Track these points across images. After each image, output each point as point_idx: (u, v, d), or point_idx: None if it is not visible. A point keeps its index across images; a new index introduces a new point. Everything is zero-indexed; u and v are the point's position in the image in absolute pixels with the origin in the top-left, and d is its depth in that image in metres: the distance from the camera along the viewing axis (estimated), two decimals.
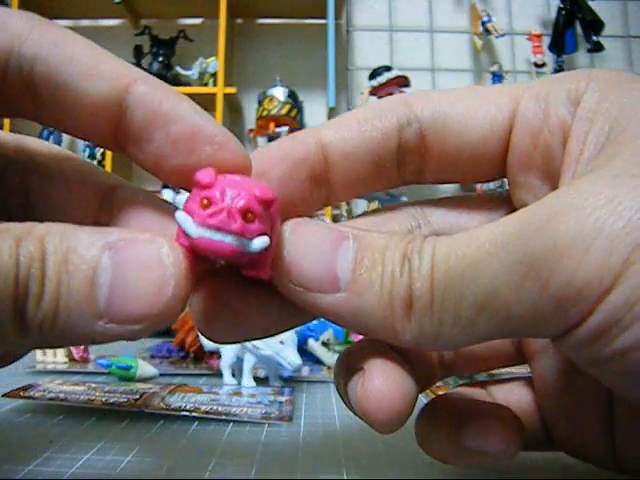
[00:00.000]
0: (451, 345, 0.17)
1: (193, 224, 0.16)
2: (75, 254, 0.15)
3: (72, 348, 0.52)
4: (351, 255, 0.17)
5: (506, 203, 0.21)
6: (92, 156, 1.42)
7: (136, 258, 0.16)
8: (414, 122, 0.20)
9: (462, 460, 0.21)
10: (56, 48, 0.17)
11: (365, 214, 0.23)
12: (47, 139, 1.43)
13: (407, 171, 0.21)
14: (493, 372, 0.29)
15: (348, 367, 0.19)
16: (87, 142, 1.42)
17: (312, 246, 0.17)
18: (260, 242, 0.16)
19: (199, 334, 0.52)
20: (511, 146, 0.20)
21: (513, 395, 0.23)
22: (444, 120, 0.20)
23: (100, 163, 1.42)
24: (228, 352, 0.43)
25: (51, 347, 0.17)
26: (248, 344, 0.40)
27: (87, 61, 0.17)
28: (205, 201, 0.16)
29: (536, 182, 0.20)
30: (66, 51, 0.17)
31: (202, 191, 0.16)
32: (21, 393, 0.34)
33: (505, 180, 0.21)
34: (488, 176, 0.21)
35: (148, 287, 0.15)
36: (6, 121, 1.39)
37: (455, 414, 0.21)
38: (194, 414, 0.31)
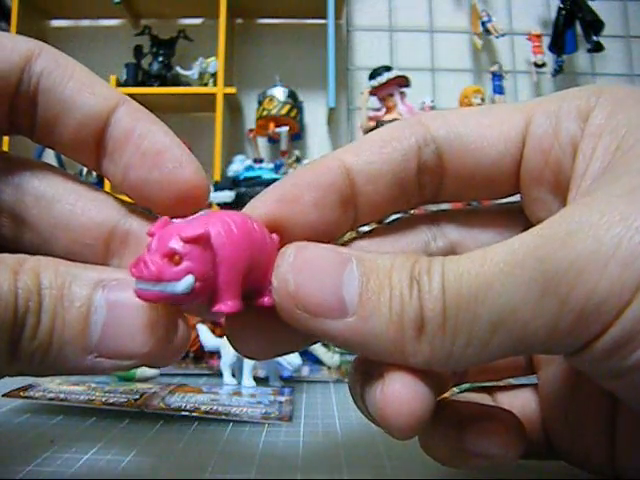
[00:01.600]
0: (463, 365, 0.17)
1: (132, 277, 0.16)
2: (70, 290, 0.16)
3: None
4: (357, 278, 0.17)
5: (519, 215, 0.22)
6: None
7: (129, 300, 0.16)
8: (431, 142, 0.20)
9: (463, 462, 0.21)
10: (59, 67, 0.19)
11: (380, 228, 0.23)
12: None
13: (426, 191, 0.21)
14: None
15: (365, 373, 0.19)
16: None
17: (316, 271, 0.17)
18: (183, 283, 0.16)
19: (199, 334, 0.52)
20: (523, 162, 0.20)
21: (517, 401, 0.23)
22: (460, 140, 0.20)
23: None
24: (228, 352, 0.43)
25: (36, 376, 0.17)
26: None
27: (84, 80, 0.19)
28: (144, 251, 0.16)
29: (548, 197, 0.20)
30: (67, 70, 0.19)
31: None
32: (21, 393, 0.34)
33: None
34: (503, 193, 0.22)
35: (139, 327, 0.16)
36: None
37: (457, 417, 0.21)
38: (194, 414, 0.31)
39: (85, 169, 1.41)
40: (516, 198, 0.22)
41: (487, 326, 0.15)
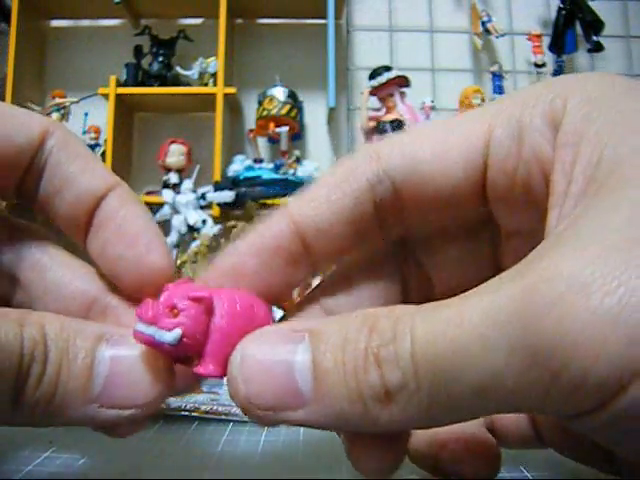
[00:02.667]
0: (443, 424, 0.16)
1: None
2: (75, 343, 0.17)
3: None
4: (308, 360, 0.16)
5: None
6: None
7: (131, 353, 0.18)
8: (385, 179, 0.19)
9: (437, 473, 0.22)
10: (68, 145, 0.21)
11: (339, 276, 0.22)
12: None
13: (392, 231, 0.20)
14: None
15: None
16: (87, 142, 1.43)
17: (265, 368, 0.16)
18: (171, 334, 0.17)
19: None
20: (488, 185, 0.19)
21: None
22: (414, 170, 0.19)
23: None
24: None
25: (36, 426, 0.19)
26: None
27: (88, 161, 0.21)
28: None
29: (520, 214, 0.19)
30: (75, 148, 0.21)
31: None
32: None
33: None
34: (473, 214, 0.20)
35: (141, 379, 0.18)
36: None
37: (435, 439, 0.22)
38: (194, 414, 0.31)
39: None
40: None
41: (469, 392, 0.14)
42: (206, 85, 1.47)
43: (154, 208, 0.97)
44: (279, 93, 1.44)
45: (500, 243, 0.20)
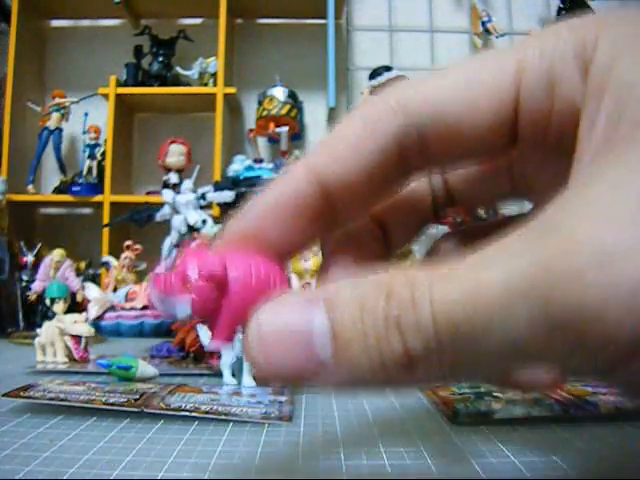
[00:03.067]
0: (462, 381, 0.16)
1: None
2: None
3: (72, 348, 0.53)
4: (327, 329, 0.15)
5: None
6: (92, 156, 1.42)
7: None
8: (411, 131, 0.18)
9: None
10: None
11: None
12: (47, 139, 1.43)
13: (412, 171, 0.20)
14: None
15: None
16: (87, 142, 1.43)
17: (283, 339, 0.16)
18: (181, 310, 0.17)
19: (199, 334, 0.52)
20: (519, 133, 0.18)
21: None
22: (441, 119, 0.18)
23: (100, 163, 1.42)
24: (228, 352, 0.43)
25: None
26: None
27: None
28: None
29: (550, 160, 0.19)
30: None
31: None
32: (21, 393, 0.34)
33: None
34: (499, 153, 0.20)
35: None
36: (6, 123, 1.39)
37: None
38: (194, 414, 0.31)
39: (85, 169, 1.41)
40: None
41: (492, 355, 0.14)
42: (206, 85, 1.47)
43: (154, 208, 0.97)
44: (279, 93, 1.44)
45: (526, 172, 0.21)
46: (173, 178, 1.42)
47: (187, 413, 0.31)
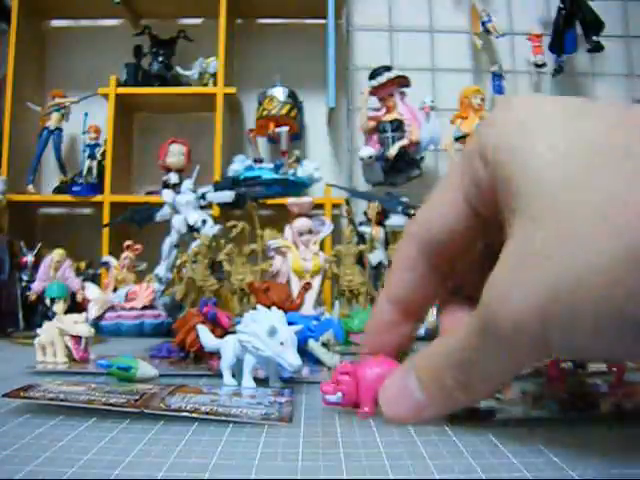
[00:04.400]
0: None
1: None
2: None
3: (72, 348, 0.52)
4: (417, 383, 0.29)
5: None
6: (92, 156, 1.42)
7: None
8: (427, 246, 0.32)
9: None
10: None
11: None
12: (47, 139, 1.43)
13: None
14: None
15: None
16: (87, 142, 1.43)
17: (394, 395, 0.31)
18: (335, 397, 0.33)
19: (199, 334, 0.52)
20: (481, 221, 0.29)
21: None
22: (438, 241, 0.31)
23: (100, 163, 1.42)
24: (228, 353, 0.43)
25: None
26: (248, 345, 0.40)
27: None
28: None
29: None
30: None
31: None
32: (21, 393, 0.34)
33: None
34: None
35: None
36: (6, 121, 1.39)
37: None
38: (194, 415, 0.31)
39: (85, 169, 1.41)
40: None
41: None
42: (206, 85, 1.47)
43: (154, 208, 0.97)
44: (279, 93, 1.44)
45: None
46: (173, 178, 1.42)
47: (187, 414, 0.31)
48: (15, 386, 0.36)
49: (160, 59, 1.49)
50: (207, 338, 0.48)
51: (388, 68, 1.36)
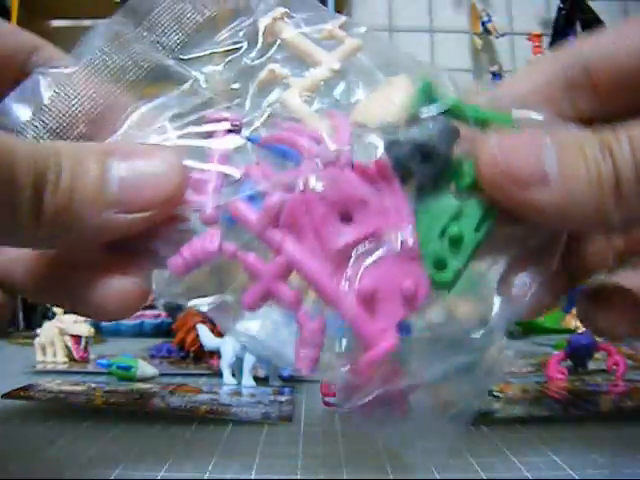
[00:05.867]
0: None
1: None
2: (86, 155, 0.18)
3: (72, 348, 0.52)
4: (554, 153, 0.19)
5: None
6: None
7: (143, 151, 0.19)
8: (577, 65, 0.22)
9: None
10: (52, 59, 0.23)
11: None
12: None
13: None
14: None
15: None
16: None
17: (520, 150, 0.19)
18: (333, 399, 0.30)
19: (199, 334, 0.52)
20: None
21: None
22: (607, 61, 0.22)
23: None
24: (228, 352, 0.43)
25: (60, 242, 0.19)
26: (246, 345, 0.40)
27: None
28: None
29: None
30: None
31: None
32: (21, 393, 0.34)
33: None
34: None
35: (155, 182, 0.19)
36: None
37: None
38: (194, 414, 0.31)
39: None
40: None
41: None
42: None
43: None
44: None
45: None
46: None
47: (187, 413, 0.31)
48: (15, 386, 0.36)
49: None
50: (207, 337, 0.48)
51: None
